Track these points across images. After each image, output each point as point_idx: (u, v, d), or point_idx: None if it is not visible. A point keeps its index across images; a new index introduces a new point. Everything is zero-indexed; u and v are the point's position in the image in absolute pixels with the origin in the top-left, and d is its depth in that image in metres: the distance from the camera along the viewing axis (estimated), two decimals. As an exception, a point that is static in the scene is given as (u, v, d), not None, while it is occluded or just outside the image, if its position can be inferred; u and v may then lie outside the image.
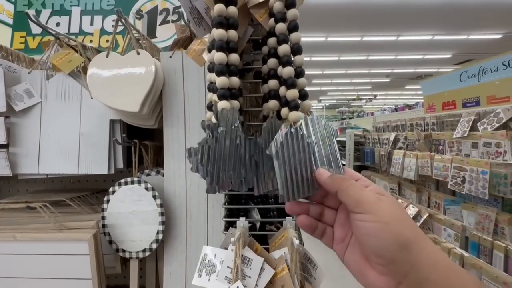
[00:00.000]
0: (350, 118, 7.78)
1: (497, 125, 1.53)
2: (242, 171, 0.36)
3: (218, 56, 0.34)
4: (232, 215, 0.52)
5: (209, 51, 0.40)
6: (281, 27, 0.37)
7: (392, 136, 2.50)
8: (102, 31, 1.22)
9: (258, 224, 0.51)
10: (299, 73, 0.34)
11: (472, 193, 1.54)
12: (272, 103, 0.39)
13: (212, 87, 0.38)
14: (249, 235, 0.47)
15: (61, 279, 0.65)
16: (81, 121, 0.70)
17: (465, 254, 1.48)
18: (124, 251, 0.68)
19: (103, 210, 0.69)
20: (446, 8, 4.31)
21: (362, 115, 7.88)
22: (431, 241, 0.25)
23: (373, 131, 3.08)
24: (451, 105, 1.99)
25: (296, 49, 0.34)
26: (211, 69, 0.39)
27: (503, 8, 4.25)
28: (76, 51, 0.72)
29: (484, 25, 4.97)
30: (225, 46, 0.35)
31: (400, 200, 2.17)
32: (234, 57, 0.35)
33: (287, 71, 0.35)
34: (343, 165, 0.33)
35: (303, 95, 0.35)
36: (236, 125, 0.35)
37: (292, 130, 0.31)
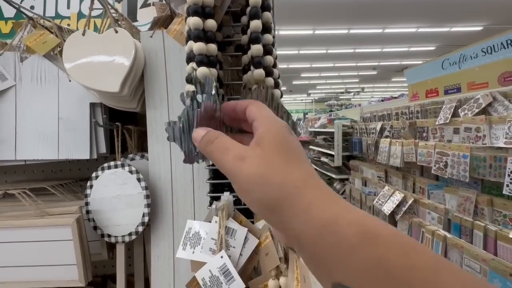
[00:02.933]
0: (338, 110, 7.88)
1: (476, 110, 1.58)
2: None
3: (194, 21, 0.33)
4: (216, 190, 0.52)
5: (186, 20, 0.40)
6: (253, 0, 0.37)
7: (378, 125, 2.54)
8: (80, 15, 1.16)
9: (242, 199, 0.52)
10: (266, 29, 0.33)
11: (454, 177, 1.59)
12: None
13: (189, 55, 0.37)
14: (234, 209, 0.47)
15: (45, 266, 0.63)
16: (59, 104, 0.68)
17: (448, 235, 1.54)
18: (109, 236, 0.67)
19: (86, 196, 0.68)
20: (430, 0, 4.40)
21: (350, 107, 8.00)
22: (314, 193, 0.20)
23: (361, 121, 3.13)
24: (434, 92, 2.05)
25: (267, 6, 0.34)
26: (188, 36, 0.39)
27: (483, 1, 4.38)
28: (52, 32, 0.70)
29: (465, 18, 5.11)
30: (201, 11, 0.34)
31: (387, 187, 2.23)
32: (211, 23, 0.35)
33: (255, 49, 0.36)
34: (332, 155, 0.31)
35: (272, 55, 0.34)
36: (213, 93, 0.35)
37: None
